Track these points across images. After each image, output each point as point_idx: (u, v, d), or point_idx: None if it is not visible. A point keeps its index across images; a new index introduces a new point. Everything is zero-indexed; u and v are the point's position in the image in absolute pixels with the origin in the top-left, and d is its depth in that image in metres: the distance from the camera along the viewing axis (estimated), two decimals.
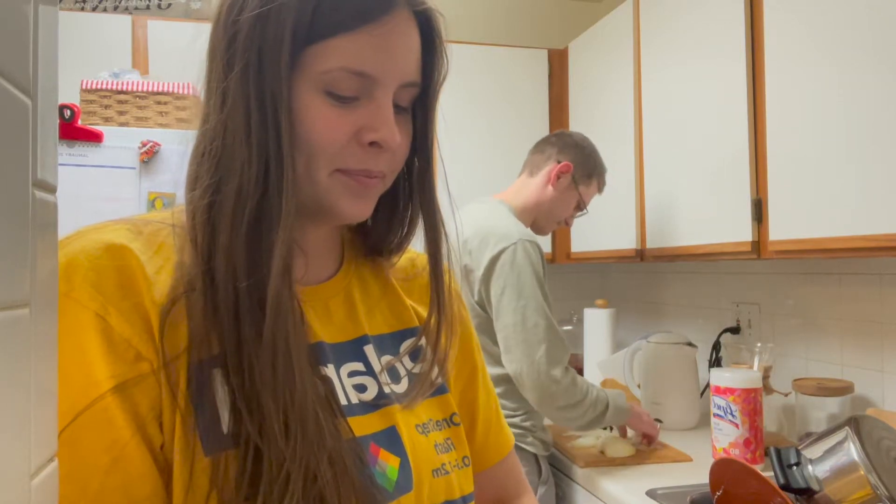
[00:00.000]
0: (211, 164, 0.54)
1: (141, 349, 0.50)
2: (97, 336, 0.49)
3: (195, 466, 0.49)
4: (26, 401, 0.33)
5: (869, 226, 1.22)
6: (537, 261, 1.61)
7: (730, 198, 1.58)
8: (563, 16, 2.89)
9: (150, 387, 0.50)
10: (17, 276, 0.32)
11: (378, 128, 0.56)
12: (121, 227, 0.55)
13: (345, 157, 0.56)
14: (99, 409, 0.48)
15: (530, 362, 1.54)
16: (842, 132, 1.28)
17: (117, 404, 0.49)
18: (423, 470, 0.60)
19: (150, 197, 1.87)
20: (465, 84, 2.43)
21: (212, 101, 0.55)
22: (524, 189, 1.81)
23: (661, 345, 1.97)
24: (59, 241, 0.52)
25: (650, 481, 1.47)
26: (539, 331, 1.55)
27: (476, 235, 1.66)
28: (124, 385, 0.49)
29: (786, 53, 1.42)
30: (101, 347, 0.49)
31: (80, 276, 0.50)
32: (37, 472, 0.34)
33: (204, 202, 0.53)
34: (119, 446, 0.48)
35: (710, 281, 2.20)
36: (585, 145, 1.82)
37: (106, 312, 0.50)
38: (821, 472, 1.10)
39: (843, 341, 1.68)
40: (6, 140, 0.30)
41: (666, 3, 1.85)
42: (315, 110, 0.53)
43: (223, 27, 0.54)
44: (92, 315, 0.50)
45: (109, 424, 0.48)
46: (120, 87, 1.91)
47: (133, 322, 0.51)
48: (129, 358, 0.50)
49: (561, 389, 1.53)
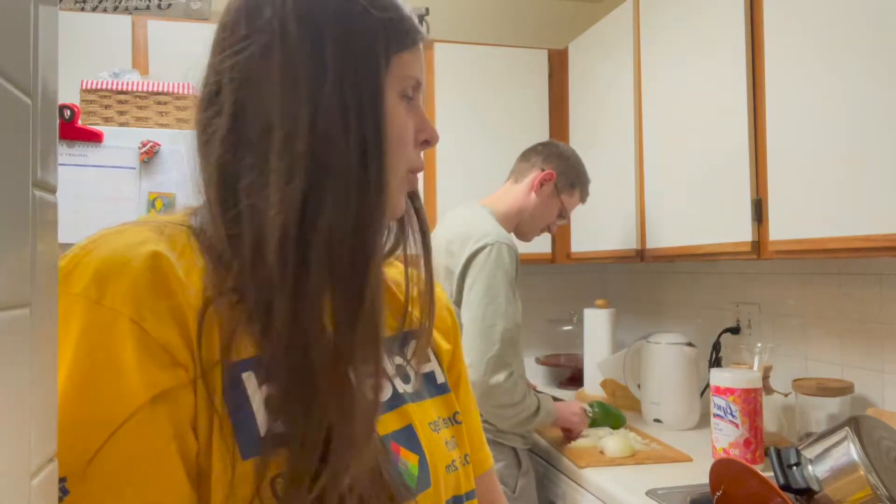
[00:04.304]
0: (303, 163, 0.54)
1: (177, 354, 0.50)
2: (133, 343, 0.48)
3: (236, 471, 0.49)
4: (26, 401, 0.33)
5: (869, 226, 1.22)
6: (510, 264, 1.67)
7: (730, 198, 1.58)
8: (563, 16, 2.89)
9: (186, 394, 0.50)
10: (17, 276, 0.32)
11: (427, 128, 0.64)
12: (143, 229, 0.54)
13: (413, 156, 0.63)
14: (137, 421, 0.47)
15: (480, 359, 1.61)
16: (841, 132, 1.28)
17: (155, 415, 0.48)
18: (438, 466, 0.63)
19: (150, 197, 1.87)
20: (465, 84, 2.43)
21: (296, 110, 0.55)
22: (508, 195, 1.88)
23: (661, 345, 1.97)
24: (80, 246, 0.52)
25: (650, 481, 1.47)
26: (496, 332, 1.62)
27: (457, 238, 1.73)
28: (163, 395, 0.49)
29: (786, 53, 1.42)
30: (137, 356, 0.48)
31: (112, 281, 0.49)
32: (37, 472, 0.34)
33: (297, 203, 0.53)
34: (157, 458, 0.48)
35: (710, 281, 2.20)
36: (570, 156, 1.89)
37: (141, 318, 0.49)
38: (821, 472, 1.10)
39: (843, 341, 1.68)
40: (6, 140, 0.30)
41: (666, 3, 1.85)
42: (398, 113, 0.60)
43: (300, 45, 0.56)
44: (127, 322, 0.49)
45: (147, 437, 0.48)
46: (120, 87, 1.91)
47: (169, 326, 0.50)
48: (165, 363, 0.49)
49: (500, 391, 1.61)
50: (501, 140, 2.42)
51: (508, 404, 1.64)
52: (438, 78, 2.41)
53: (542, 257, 2.49)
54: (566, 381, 2.64)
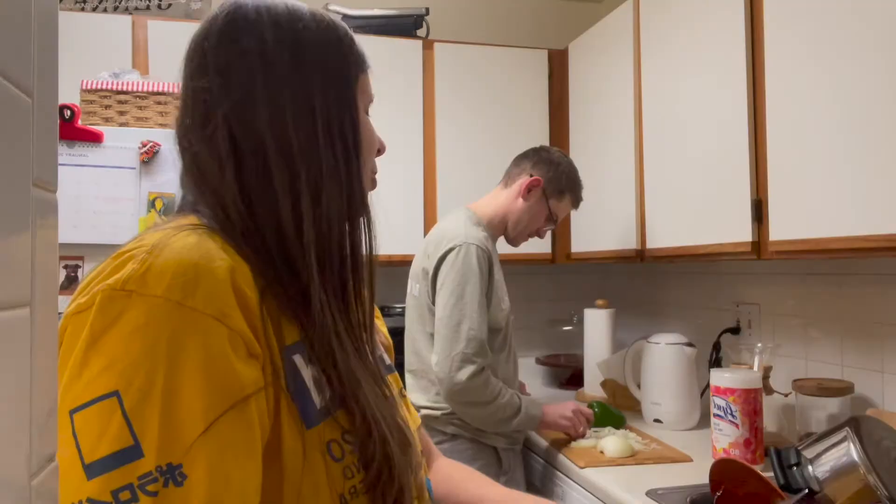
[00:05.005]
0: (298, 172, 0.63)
1: (252, 346, 0.54)
2: (222, 341, 0.52)
3: (305, 441, 0.57)
4: (26, 401, 0.33)
5: (869, 226, 1.22)
6: (478, 265, 1.69)
7: (730, 198, 1.58)
8: (563, 16, 2.89)
9: (266, 389, 0.56)
10: (17, 276, 0.32)
11: (380, 139, 0.75)
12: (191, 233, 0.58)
13: (374, 162, 0.74)
14: (236, 413, 0.52)
15: (446, 356, 1.65)
16: (841, 132, 1.28)
17: (248, 410, 0.53)
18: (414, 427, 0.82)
19: (150, 197, 1.87)
20: (465, 84, 2.43)
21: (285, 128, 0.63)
22: (496, 199, 1.90)
23: (661, 345, 1.97)
24: (143, 250, 0.54)
25: (650, 481, 1.47)
26: (461, 330, 1.65)
27: (433, 240, 1.80)
28: (258, 391, 0.54)
29: (786, 53, 1.42)
30: (231, 352, 0.52)
31: (193, 284, 0.52)
32: (37, 472, 0.34)
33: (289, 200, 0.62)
34: (253, 448, 0.53)
35: (710, 281, 2.20)
36: (561, 162, 1.90)
37: (223, 316, 0.53)
38: (821, 472, 1.10)
39: (843, 341, 1.68)
40: (6, 140, 0.30)
41: (666, 4, 1.85)
42: (368, 125, 0.71)
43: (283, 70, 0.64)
44: (212, 321, 0.52)
45: (245, 431, 0.52)
46: (120, 87, 1.91)
47: (244, 320, 0.54)
48: (245, 355, 0.54)
49: (466, 389, 1.64)
50: (501, 140, 2.42)
51: (476, 402, 1.66)
52: (438, 78, 2.41)
53: (542, 257, 2.49)
54: (566, 381, 2.64)
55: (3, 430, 0.30)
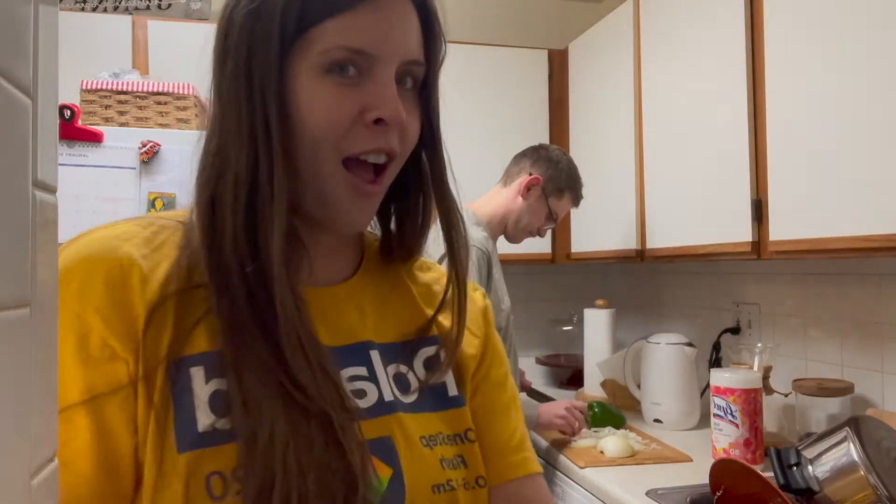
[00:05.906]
0: (213, 158, 0.55)
1: (117, 347, 0.50)
2: (75, 339, 0.49)
3: (165, 465, 0.49)
4: (26, 401, 0.33)
5: (869, 226, 1.22)
6: (476, 266, 1.68)
7: (730, 198, 1.58)
8: (563, 16, 2.89)
9: (125, 393, 0.50)
10: (17, 276, 0.32)
11: (381, 105, 0.54)
12: (128, 224, 0.56)
13: (351, 141, 0.55)
14: (64, 417, 0.48)
15: None
16: (841, 132, 1.28)
17: (82, 415, 0.49)
18: (420, 484, 0.57)
19: (150, 197, 1.87)
20: (465, 84, 2.43)
21: (212, 98, 0.56)
22: (494, 199, 1.90)
23: (661, 345, 1.97)
24: None
25: (650, 481, 1.47)
26: None
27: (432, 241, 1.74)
28: (94, 399, 0.49)
29: (786, 53, 1.42)
30: (76, 353, 0.49)
31: (68, 276, 0.51)
32: (37, 472, 0.34)
33: (206, 195, 0.55)
34: (71, 452, 0.48)
35: (710, 281, 2.20)
36: (560, 160, 1.89)
37: (84, 311, 0.50)
38: (821, 472, 1.10)
39: (843, 341, 1.68)
40: (6, 140, 0.30)
41: (666, 4, 1.85)
42: (315, 94, 0.53)
43: (219, 26, 0.57)
44: (72, 316, 0.50)
45: (68, 434, 0.48)
46: (120, 87, 1.91)
47: (113, 320, 0.50)
48: (103, 358, 0.50)
49: None
50: (501, 140, 2.42)
51: None
52: None
53: (542, 257, 2.49)
54: (566, 381, 2.64)
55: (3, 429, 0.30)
